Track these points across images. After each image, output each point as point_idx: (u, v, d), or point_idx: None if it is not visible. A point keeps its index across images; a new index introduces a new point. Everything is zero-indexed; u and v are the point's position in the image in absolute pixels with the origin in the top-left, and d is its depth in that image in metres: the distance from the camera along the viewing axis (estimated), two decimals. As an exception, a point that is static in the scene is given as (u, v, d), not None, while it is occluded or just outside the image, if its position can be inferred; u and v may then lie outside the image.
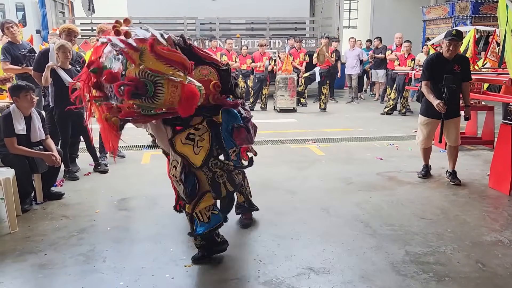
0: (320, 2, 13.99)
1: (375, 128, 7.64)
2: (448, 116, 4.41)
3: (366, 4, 15.70)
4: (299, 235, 3.30)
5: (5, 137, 3.73)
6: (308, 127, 7.87)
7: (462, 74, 4.36)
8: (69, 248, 3.10)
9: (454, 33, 4.30)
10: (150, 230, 3.43)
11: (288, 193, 4.26)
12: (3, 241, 3.23)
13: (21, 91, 3.80)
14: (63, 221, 3.58)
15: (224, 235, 3.09)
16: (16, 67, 5.44)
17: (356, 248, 3.08)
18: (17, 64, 5.44)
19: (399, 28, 12.04)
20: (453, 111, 4.44)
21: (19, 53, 5.46)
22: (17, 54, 5.45)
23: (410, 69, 8.97)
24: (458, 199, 4.11)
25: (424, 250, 3.05)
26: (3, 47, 5.55)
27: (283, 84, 9.58)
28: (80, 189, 4.39)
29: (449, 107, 4.32)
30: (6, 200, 3.36)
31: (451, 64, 4.34)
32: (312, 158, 5.62)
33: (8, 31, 5.47)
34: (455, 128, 4.51)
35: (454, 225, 3.48)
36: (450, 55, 4.32)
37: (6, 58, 5.38)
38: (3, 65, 5.44)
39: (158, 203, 4.00)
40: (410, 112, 9.29)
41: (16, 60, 5.44)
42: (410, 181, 4.64)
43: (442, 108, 4.29)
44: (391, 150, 6.05)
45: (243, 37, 12.00)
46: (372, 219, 3.61)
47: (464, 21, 10.78)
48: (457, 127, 4.53)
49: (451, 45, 4.27)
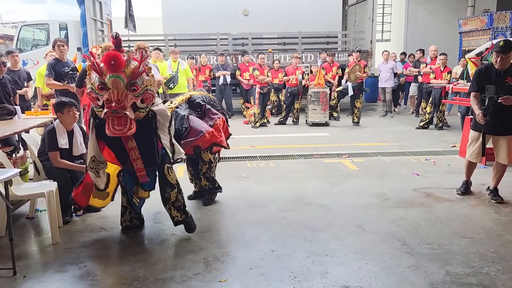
0: (352, 15, 13.96)
1: (411, 143, 7.47)
2: (497, 132, 4.24)
3: (400, 17, 15.52)
4: (334, 252, 3.26)
5: (49, 151, 3.90)
6: (340, 141, 7.79)
7: None
8: (108, 260, 3.18)
9: (501, 44, 4.14)
10: (185, 243, 3.47)
11: (322, 208, 4.22)
12: (46, 252, 3.36)
13: (64, 107, 3.98)
14: (102, 233, 3.69)
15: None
16: (58, 83, 5.74)
17: (394, 267, 3.00)
18: (59, 80, 5.75)
19: (434, 40, 11.81)
20: (505, 128, 4.22)
21: (63, 70, 5.76)
22: (61, 71, 5.76)
23: (447, 82, 8.76)
24: (501, 217, 3.94)
25: (465, 271, 2.93)
26: (49, 63, 5.89)
27: (315, 98, 9.55)
28: (118, 202, 4.50)
29: (497, 122, 4.16)
30: (49, 212, 3.50)
31: (503, 76, 4.15)
32: (345, 173, 5.55)
33: (58, 49, 5.86)
34: (507, 146, 4.26)
35: (497, 245, 3.34)
36: (500, 67, 4.15)
37: (51, 74, 5.72)
38: (47, 80, 5.76)
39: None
40: (447, 126, 9.04)
41: (59, 76, 5.76)
42: (448, 197, 4.50)
43: (482, 119, 4.15)
44: (428, 165, 5.89)
45: (275, 52, 12.09)
46: (409, 236, 3.51)
47: (503, 32, 10.43)
48: (510, 145, 4.25)
49: (499, 57, 4.11)
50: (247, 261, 3.15)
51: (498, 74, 4.19)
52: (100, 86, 2.88)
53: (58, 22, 11.92)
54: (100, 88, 2.88)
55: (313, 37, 12.93)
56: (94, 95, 2.94)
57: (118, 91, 2.86)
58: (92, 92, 2.95)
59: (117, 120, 2.87)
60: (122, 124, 2.88)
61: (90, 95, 2.96)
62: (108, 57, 2.81)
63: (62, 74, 5.78)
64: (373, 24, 12.25)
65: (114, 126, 2.88)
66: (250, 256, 3.22)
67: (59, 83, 5.75)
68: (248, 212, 4.05)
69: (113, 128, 2.88)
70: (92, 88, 2.93)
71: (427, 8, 15.15)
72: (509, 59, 4.13)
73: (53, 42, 6.03)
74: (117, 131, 2.89)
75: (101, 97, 2.90)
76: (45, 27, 11.92)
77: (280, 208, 4.23)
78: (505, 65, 4.13)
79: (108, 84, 2.84)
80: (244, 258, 3.20)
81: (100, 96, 2.91)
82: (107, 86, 2.86)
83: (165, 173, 3.46)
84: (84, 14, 11.47)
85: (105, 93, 2.87)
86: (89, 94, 2.97)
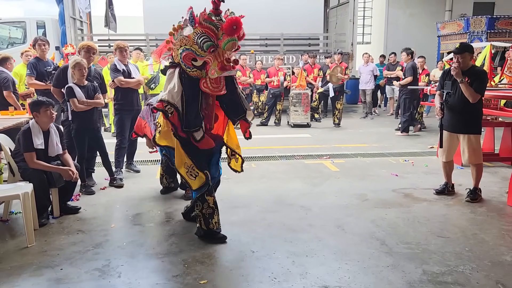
0: (334, 18, 14.09)
1: (390, 144, 7.58)
2: (454, 128, 4.48)
3: (380, 20, 15.75)
4: (314, 252, 3.27)
5: (25, 152, 3.80)
6: (322, 142, 7.85)
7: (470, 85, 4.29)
8: (85, 262, 3.13)
9: (457, 46, 4.46)
10: (164, 245, 3.44)
11: (303, 209, 4.24)
12: (21, 255, 3.27)
13: (41, 106, 3.89)
14: (79, 236, 3.62)
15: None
16: (40, 83, 5.64)
17: (372, 267, 3.04)
18: (41, 80, 5.64)
19: (413, 43, 12.04)
20: (462, 126, 4.42)
21: (44, 69, 5.66)
22: (43, 71, 5.66)
23: (425, 84, 8.92)
24: (476, 217, 4.03)
25: (442, 270, 2.99)
26: (30, 62, 5.79)
27: (297, 100, 9.61)
28: (96, 203, 4.44)
29: (453, 118, 4.43)
30: (24, 214, 3.41)
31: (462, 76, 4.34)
32: (326, 174, 5.59)
33: (39, 48, 5.78)
34: (467, 146, 4.42)
35: (472, 244, 3.41)
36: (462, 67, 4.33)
37: (32, 73, 5.61)
38: (28, 79, 5.65)
39: (173, 218, 4.02)
40: (425, 128, 9.20)
41: (40, 76, 5.66)
42: (426, 198, 4.57)
43: (439, 113, 4.46)
44: (407, 166, 5.99)
45: (257, 53, 12.10)
46: (388, 236, 3.56)
47: (479, 37, 10.72)
48: (469, 145, 4.40)
49: (455, 58, 4.37)
50: (227, 263, 3.14)
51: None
52: (212, 49, 2.99)
53: (35, 20, 11.65)
54: (212, 50, 3.00)
55: (295, 39, 13.00)
56: (193, 56, 3.06)
57: (231, 54, 3.08)
58: (191, 54, 3.06)
59: (214, 79, 3.08)
60: (218, 82, 3.10)
61: (187, 56, 3.07)
62: (232, 22, 2.92)
63: (44, 73, 5.67)
64: (354, 26, 12.40)
65: (212, 85, 3.10)
66: (231, 258, 3.21)
67: (41, 82, 5.64)
68: (229, 214, 4.04)
69: (212, 86, 3.10)
70: (192, 49, 3.04)
71: (406, 12, 15.42)
72: (466, 60, 4.33)
73: (34, 40, 5.92)
74: (215, 89, 3.11)
75: (201, 58, 3.04)
76: (22, 25, 11.64)
77: (261, 209, 4.23)
78: (463, 66, 4.32)
79: (227, 47, 2.97)
80: (225, 259, 3.19)
81: (200, 57, 3.04)
82: (217, 48, 3.00)
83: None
84: (63, 12, 11.28)
85: (209, 55, 3.01)
86: (185, 56, 3.08)
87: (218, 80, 3.09)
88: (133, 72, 5.44)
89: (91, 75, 4.92)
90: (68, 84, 4.63)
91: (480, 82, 4.29)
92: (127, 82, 5.27)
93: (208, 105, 3.32)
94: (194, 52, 3.05)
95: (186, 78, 3.19)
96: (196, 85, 3.15)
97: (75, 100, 4.54)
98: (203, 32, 3.00)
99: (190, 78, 3.17)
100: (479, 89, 4.26)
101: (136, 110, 5.43)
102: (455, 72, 4.29)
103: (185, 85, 3.19)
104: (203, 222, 3.45)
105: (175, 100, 3.16)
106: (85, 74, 4.66)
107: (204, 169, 3.36)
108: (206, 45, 2.99)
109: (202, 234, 3.49)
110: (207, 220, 3.43)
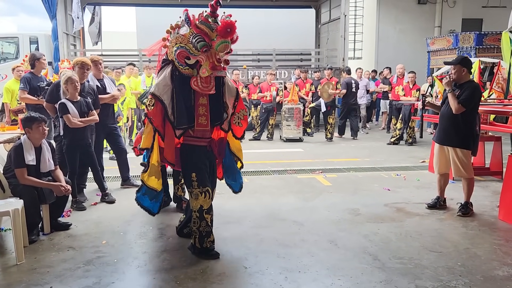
0: (325, 33, 14.28)
1: (382, 158, 7.63)
2: (440, 139, 4.59)
3: (371, 36, 15.97)
4: (307, 268, 3.26)
5: (16, 168, 3.77)
6: (314, 157, 7.88)
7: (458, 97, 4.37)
8: (75, 280, 3.08)
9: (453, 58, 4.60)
10: (156, 261, 3.41)
11: (295, 224, 4.23)
12: (10, 272, 3.22)
13: (33, 122, 3.88)
14: (69, 253, 3.57)
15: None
16: (32, 97, 5.64)
17: (365, 282, 3.03)
18: (33, 95, 5.62)
19: (403, 58, 12.21)
20: (448, 138, 4.49)
21: (37, 84, 5.66)
22: (36, 86, 5.65)
23: (415, 99, 9.03)
24: (468, 231, 4.05)
25: (434, 285, 2.99)
26: (24, 76, 5.79)
27: (289, 114, 9.67)
28: (87, 219, 4.40)
29: (442, 131, 4.55)
30: (14, 231, 3.37)
31: (459, 89, 4.43)
32: (319, 188, 5.60)
33: (40, 64, 5.78)
34: (452, 159, 4.48)
35: (464, 259, 3.42)
36: (454, 80, 4.45)
37: (25, 87, 5.60)
38: (21, 93, 5.64)
39: (165, 234, 3.99)
40: (415, 143, 9.27)
41: (33, 91, 5.66)
42: (418, 212, 4.59)
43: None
44: (399, 180, 6.02)
45: (250, 68, 12.20)
46: (380, 251, 3.56)
47: (468, 52, 10.89)
48: (455, 159, 4.45)
49: (451, 69, 4.50)
50: (219, 279, 3.11)
51: (456, 87, 4.49)
52: (205, 49, 3.09)
53: (28, 35, 11.66)
54: (205, 50, 3.09)
55: (287, 54, 13.13)
56: (186, 54, 3.15)
57: (222, 55, 3.15)
58: (185, 52, 3.15)
59: (205, 78, 3.17)
60: (208, 82, 3.19)
61: (181, 54, 3.17)
62: (226, 25, 3.02)
63: (37, 88, 5.67)
64: (345, 42, 12.56)
65: (202, 84, 3.19)
66: (223, 274, 3.18)
67: (33, 97, 5.63)
68: (221, 229, 4.02)
69: (202, 85, 3.19)
70: (186, 48, 3.13)
71: (396, 28, 15.66)
72: (458, 72, 4.41)
73: (36, 56, 5.86)
74: (205, 88, 3.20)
75: (194, 56, 3.14)
76: (15, 40, 11.64)
77: (254, 225, 4.22)
78: (456, 78, 4.43)
79: (219, 48, 3.07)
80: (217, 275, 3.16)
81: (193, 56, 3.14)
82: (210, 49, 3.09)
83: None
84: (56, 28, 11.31)
85: (202, 55, 3.10)
86: (179, 54, 3.18)
87: (208, 80, 3.19)
88: (108, 87, 5.41)
89: (84, 90, 4.91)
90: (61, 100, 4.62)
91: (466, 94, 4.31)
92: (101, 98, 5.17)
93: (202, 104, 3.37)
94: (188, 50, 3.14)
95: (177, 76, 3.29)
96: (187, 83, 3.23)
97: (69, 116, 4.53)
98: (198, 32, 3.10)
99: (182, 75, 3.26)
100: (463, 101, 4.29)
101: (110, 125, 5.41)
102: (446, 81, 4.38)
103: (176, 82, 3.29)
104: (197, 240, 3.44)
105: (160, 92, 3.26)
106: (78, 88, 4.65)
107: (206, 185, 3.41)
108: (200, 44, 3.09)
109: (194, 251, 3.48)
110: (203, 239, 3.42)
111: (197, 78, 3.19)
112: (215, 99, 3.40)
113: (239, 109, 3.64)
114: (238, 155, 3.81)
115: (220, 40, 3.06)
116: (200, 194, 3.36)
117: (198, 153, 3.46)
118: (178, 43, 3.18)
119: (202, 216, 3.38)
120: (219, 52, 3.11)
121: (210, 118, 3.42)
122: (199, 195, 3.36)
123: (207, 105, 3.38)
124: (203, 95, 3.33)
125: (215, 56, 3.11)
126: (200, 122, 3.39)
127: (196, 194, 3.36)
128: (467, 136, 4.42)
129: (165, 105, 3.25)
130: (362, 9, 15.49)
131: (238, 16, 3.32)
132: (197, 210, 3.37)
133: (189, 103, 3.33)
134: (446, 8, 15.40)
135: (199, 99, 3.36)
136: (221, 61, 3.11)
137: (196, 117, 3.37)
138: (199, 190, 3.35)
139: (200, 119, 3.38)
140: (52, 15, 11.34)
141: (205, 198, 3.37)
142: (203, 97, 3.35)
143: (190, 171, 3.41)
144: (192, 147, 3.46)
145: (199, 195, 3.36)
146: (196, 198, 3.36)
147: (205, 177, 3.43)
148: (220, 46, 3.06)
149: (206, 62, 3.12)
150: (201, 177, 3.38)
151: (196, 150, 3.46)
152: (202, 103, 3.37)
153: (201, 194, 3.36)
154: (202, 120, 3.39)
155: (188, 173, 3.42)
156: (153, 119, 3.29)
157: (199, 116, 3.38)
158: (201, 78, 3.17)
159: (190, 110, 3.35)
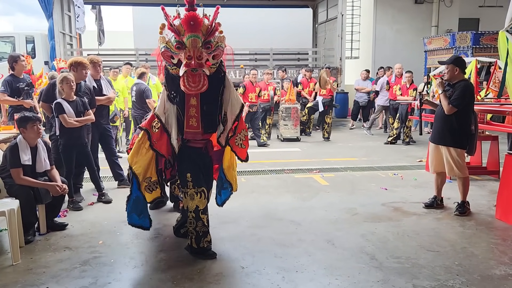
0: (322, 33, 14.28)
1: (379, 158, 7.63)
2: (434, 139, 4.62)
3: (368, 35, 15.96)
4: (304, 267, 3.25)
5: (11, 168, 3.75)
6: (312, 156, 7.88)
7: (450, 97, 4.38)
8: (72, 281, 3.07)
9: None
10: (153, 261, 3.39)
11: (293, 224, 4.22)
12: (5, 273, 3.20)
13: (28, 122, 3.85)
14: (66, 253, 3.55)
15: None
16: (12, 99, 5.51)
17: (362, 282, 3.03)
18: (14, 96, 5.52)
19: (400, 58, 12.20)
20: (441, 137, 4.50)
21: (17, 85, 5.55)
22: (17, 87, 5.55)
23: (412, 98, 9.04)
24: (465, 230, 4.05)
25: (432, 284, 2.99)
26: (5, 79, 5.67)
27: (287, 114, 9.65)
28: (84, 219, 4.38)
29: (436, 130, 4.60)
30: (10, 231, 3.35)
31: (452, 88, 4.44)
32: (316, 188, 5.59)
33: (18, 66, 5.61)
34: (446, 158, 4.48)
35: (461, 258, 3.42)
36: (447, 77, 4.49)
37: (6, 90, 5.48)
38: (1, 96, 5.51)
39: (161, 234, 3.97)
40: (413, 142, 9.29)
41: (15, 92, 5.52)
42: (415, 211, 4.59)
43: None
44: (396, 180, 6.02)
45: (247, 67, 12.17)
46: (378, 251, 3.56)
47: (465, 52, 10.90)
48: (448, 158, 4.45)
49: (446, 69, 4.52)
50: (216, 279, 3.10)
51: (451, 86, 4.49)
52: (177, 45, 3.02)
53: (24, 35, 11.61)
54: (177, 47, 3.02)
55: (284, 53, 13.12)
56: (169, 53, 3.09)
57: (196, 50, 3.00)
58: (167, 51, 3.09)
59: (192, 77, 3.03)
60: (197, 81, 3.04)
61: (165, 53, 3.11)
62: (188, 18, 2.95)
63: (19, 90, 5.57)
64: (342, 41, 12.55)
65: (190, 83, 3.04)
66: (220, 274, 3.17)
67: (12, 99, 5.52)
68: (218, 229, 4.01)
69: (188, 85, 3.04)
70: (167, 47, 3.07)
71: (393, 27, 15.66)
72: (451, 72, 4.42)
73: (14, 57, 5.68)
74: (192, 88, 3.05)
75: (175, 55, 3.08)
76: (11, 39, 11.59)
77: (251, 224, 4.21)
78: (448, 77, 4.46)
79: (187, 44, 2.98)
80: (214, 275, 3.15)
81: (175, 55, 3.08)
82: (184, 45, 3.01)
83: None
84: (53, 27, 11.26)
85: (180, 52, 3.03)
86: (163, 53, 3.12)
87: (195, 79, 3.04)
88: (104, 89, 5.39)
89: (81, 90, 4.89)
90: (57, 99, 4.59)
91: (456, 94, 4.31)
92: (97, 100, 5.17)
93: (192, 106, 3.29)
94: (169, 49, 3.10)
95: (168, 76, 3.27)
96: (178, 84, 3.16)
97: (65, 116, 4.50)
98: (170, 30, 3.07)
99: (172, 76, 3.23)
100: (454, 100, 4.30)
101: (103, 125, 5.41)
102: (438, 82, 4.39)
103: (168, 82, 3.29)
104: (194, 241, 3.42)
105: (160, 112, 3.29)
106: (73, 88, 4.62)
107: (201, 185, 3.39)
108: (172, 41, 3.06)
109: (191, 251, 3.46)
110: (199, 239, 3.41)
111: (183, 78, 3.07)
112: (209, 103, 3.29)
113: (240, 129, 3.48)
114: (231, 181, 3.75)
115: (187, 35, 2.98)
116: (195, 195, 3.34)
117: (192, 154, 3.44)
118: (164, 43, 3.12)
119: (198, 216, 3.37)
120: (191, 48, 2.99)
121: (203, 122, 3.32)
122: (194, 196, 3.34)
123: (197, 107, 3.28)
124: (193, 96, 3.24)
125: (186, 53, 3.02)
126: (190, 124, 3.31)
127: (191, 195, 3.35)
128: (461, 136, 4.42)
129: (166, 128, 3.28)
130: (359, 9, 15.47)
131: (235, 15, 3.29)
132: (193, 210, 3.36)
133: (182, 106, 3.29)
134: (443, 7, 15.42)
135: (190, 100, 3.27)
136: (191, 58, 2.99)
137: (186, 118, 3.30)
138: (194, 190, 3.34)
139: (190, 120, 3.30)
140: (48, 15, 11.27)
141: (200, 199, 3.35)
142: (193, 98, 3.26)
143: (185, 171, 3.39)
144: (186, 148, 3.44)
145: (195, 195, 3.34)
146: (192, 199, 3.35)
147: (200, 177, 3.41)
148: (188, 41, 2.98)
149: (184, 60, 3.05)
150: (196, 178, 3.36)
151: (190, 151, 3.44)
152: (192, 104, 3.28)
153: (196, 194, 3.34)
154: (193, 122, 3.31)
155: (183, 174, 3.40)
156: (156, 142, 3.28)
157: (189, 117, 3.30)
158: (188, 77, 3.04)
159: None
